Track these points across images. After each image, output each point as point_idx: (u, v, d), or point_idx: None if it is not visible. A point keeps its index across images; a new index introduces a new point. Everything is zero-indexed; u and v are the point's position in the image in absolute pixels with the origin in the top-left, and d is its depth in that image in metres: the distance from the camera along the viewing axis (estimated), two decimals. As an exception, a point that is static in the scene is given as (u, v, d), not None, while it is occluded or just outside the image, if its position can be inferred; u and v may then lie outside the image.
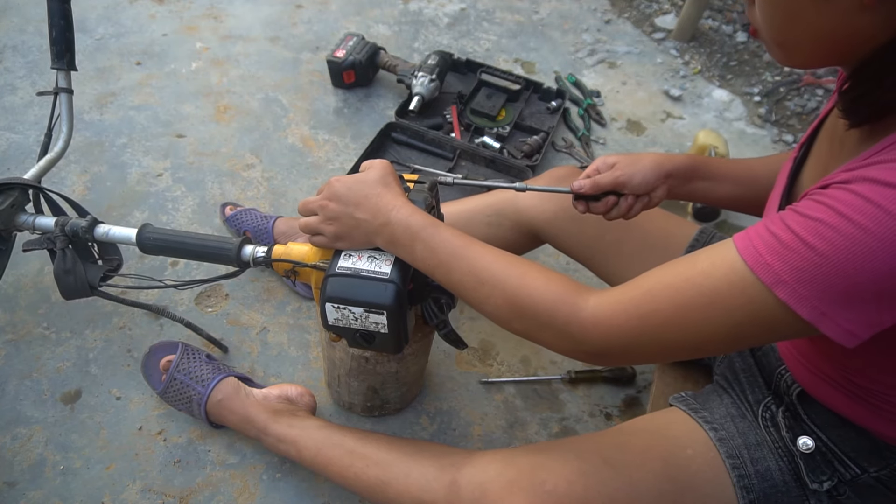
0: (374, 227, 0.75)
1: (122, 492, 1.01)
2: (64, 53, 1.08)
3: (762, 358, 0.81)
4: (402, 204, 0.74)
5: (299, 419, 0.99)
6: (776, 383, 0.78)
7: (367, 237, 0.76)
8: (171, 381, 1.05)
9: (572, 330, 0.64)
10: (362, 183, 0.76)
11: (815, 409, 0.73)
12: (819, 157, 0.70)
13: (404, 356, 0.96)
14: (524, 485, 0.73)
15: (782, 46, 0.58)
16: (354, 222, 0.76)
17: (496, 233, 1.08)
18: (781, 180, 0.74)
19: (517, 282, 0.67)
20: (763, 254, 0.53)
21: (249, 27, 1.90)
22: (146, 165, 1.48)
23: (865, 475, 0.69)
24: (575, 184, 0.86)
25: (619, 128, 1.78)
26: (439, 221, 0.74)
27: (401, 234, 0.73)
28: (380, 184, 0.76)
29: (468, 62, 1.79)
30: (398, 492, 0.84)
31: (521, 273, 0.68)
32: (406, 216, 0.73)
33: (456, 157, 1.55)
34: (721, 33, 2.12)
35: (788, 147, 1.78)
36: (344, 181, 0.77)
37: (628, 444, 0.77)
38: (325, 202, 0.78)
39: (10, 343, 1.16)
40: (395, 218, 0.73)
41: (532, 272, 0.68)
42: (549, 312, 0.65)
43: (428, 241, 0.72)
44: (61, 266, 0.97)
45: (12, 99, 1.58)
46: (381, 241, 0.76)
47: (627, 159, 0.86)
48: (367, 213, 0.75)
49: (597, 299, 0.63)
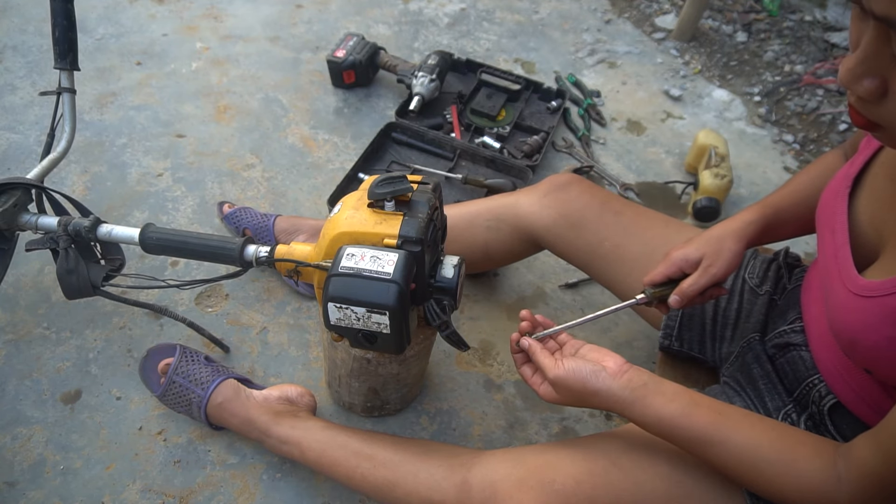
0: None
1: (122, 492, 1.01)
2: (67, 53, 1.08)
3: (785, 366, 0.80)
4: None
5: (301, 420, 1.00)
6: (803, 392, 0.76)
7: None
8: (170, 385, 1.05)
9: None
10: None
11: (847, 421, 0.72)
12: (876, 194, 0.68)
13: (406, 357, 0.96)
14: (533, 484, 0.74)
15: None
16: (581, 404, 0.74)
17: (496, 237, 1.08)
18: (839, 222, 0.71)
19: (769, 486, 0.65)
20: None
21: (249, 27, 1.90)
22: (146, 165, 1.48)
23: None
24: (672, 301, 0.81)
25: (619, 128, 1.79)
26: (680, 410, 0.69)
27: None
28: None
29: (468, 62, 1.79)
30: (406, 492, 0.85)
31: (769, 481, 0.65)
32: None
33: (456, 157, 1.56)
34: (721, 33, 2.12)
35: (789, 147, 1.79)
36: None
37: (636, 446, 0.77)
38: (554, 385, 0.74)
39: (10, 343, 1.15)
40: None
41: (779, 475, 0.64)
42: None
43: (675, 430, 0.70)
44: (64, 266, 0.96)
45: (12, 99, 1.58)
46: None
47: (708, 247, 0.81)
48: (594, 405, 0.73)
49: (849, 490, 0.61)
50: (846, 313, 0.64)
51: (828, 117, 1.84)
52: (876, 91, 0.49)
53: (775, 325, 0.86)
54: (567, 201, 1.03)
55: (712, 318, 0.96)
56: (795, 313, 0.82)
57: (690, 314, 0.97)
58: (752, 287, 0.93)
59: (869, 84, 0.49)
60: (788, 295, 0.88)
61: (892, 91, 0.48)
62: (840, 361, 0.71)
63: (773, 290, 0.92)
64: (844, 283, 0.65)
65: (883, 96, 0.49)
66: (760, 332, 0.88)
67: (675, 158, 1.71)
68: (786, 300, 0.88)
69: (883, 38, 0.47)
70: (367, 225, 0.80)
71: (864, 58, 0.48)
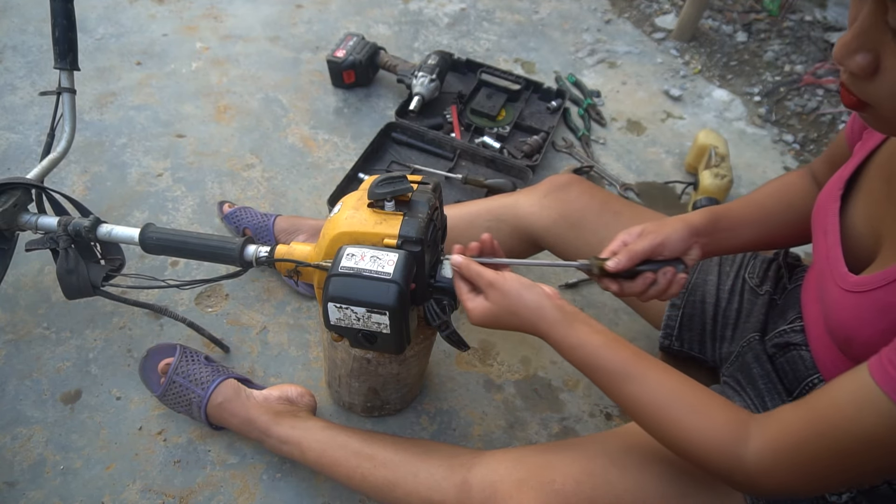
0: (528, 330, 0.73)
1: (122, 492, 1.01)
2: (67, 53, 1.08)
3: (785, 365, 0.80)
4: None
5: (301, 420, 1.00)
6: (802, 391, 0.76)
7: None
8: (170, 384, 1.04)
9: (736, 479, 0.62)
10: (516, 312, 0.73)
11: None
12: (872, 196, 0.68)
13: (406, 357, 0.96)
14: (533, 484, 0.74)
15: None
16: (509, 318, 0.74)
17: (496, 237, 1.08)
18: (831, 223, 0.71)
19: (674, 428, 0.65)
20: None
21: (249, 27, 1.90)
22: (146, 165, 1.48)
23: (885, 486, 0.68)
24: (610, 263, 0.77)
25: (619, 128, 1.79)
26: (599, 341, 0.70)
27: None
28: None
29: (468, 62, 1.79)
30: (406, 492, 0.85)
31: (678, 423, 0.65)
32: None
33: (456, 156, 1.56)
34: (721, 33, 2.12)
35: (789, 147, 1.79)
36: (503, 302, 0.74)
37: (635, 446, 0.77)
38: (489, 289, 0.74)
39: (10, 343, 1.15)
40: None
41: (689, 420, 0.64)
42: (713, 466, 0.63)
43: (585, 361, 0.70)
44: (64, 266, 0.96)
45: (12, 99, 1.58)
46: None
47: (651, 224, 0.81)
48: (520, 321, 0.73)
49: (757, 448, 0.60)
50: (840, 311, 0.65)
51: (828, 117, 1.84)
52: (868, 67, 0.50)
53: (775, 324, 0.86)
54: (567, 202, 1.03)
55: (712, 317, 0.96)
56: (795, 313, 0.82)
57: (691, 314, 0.97)
58: (752, 287, 0.93)
59: (862, 59, 0.50)
60: (788, 295, 0.88)
61: (884, 68, 0.49)
62: (839, 360, 0.71)
63: (773, 290, 0.92)
64: (836, 282, 0.65)
65: (874, 73, 0.50)
66: (760, 332, 0.88)
67: (675, 158, 1.71)
68: (786, 300, 0.88)
69: (879, 13, 0.48)
70: (367, 225, 0.80)
71: (860, 32, 0.50)
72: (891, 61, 0.49)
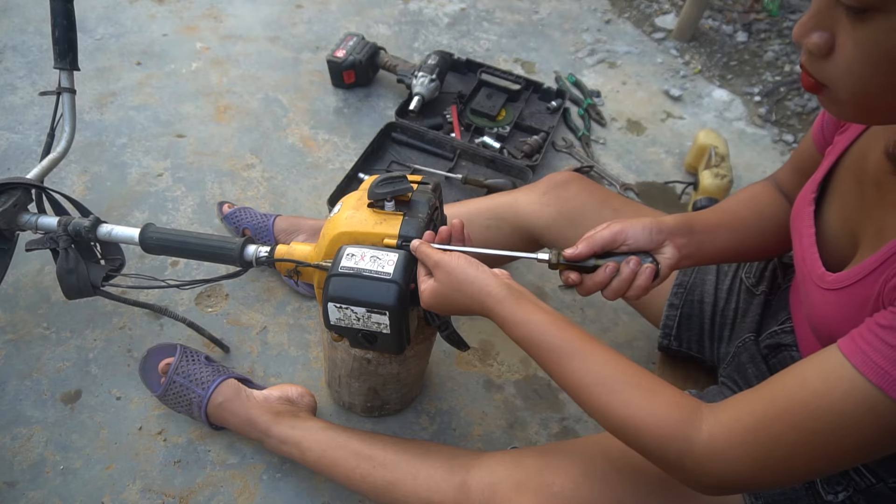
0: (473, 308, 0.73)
1: (122, 492, 1.01)
2: (67, 53, 1.08)
3: (777, 366, 0.80)
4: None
5: (301, 420, 1.00)
6: None
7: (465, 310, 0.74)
8: (171, 384, 1.05)
9: (686, 465, 0.59)
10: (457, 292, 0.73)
11: None
12: (845, 197, 0.68)
13: (406, 357, 0.96)
14: (532, 486, 0.74)
15: (860, 105, 0.54)
16: (456, 296, 0.74)
17: (495, 236, 1.08)
18: (806, 226, 0.70)
19: (619, 407, 0.62)
20: (887, 369, 0.49)
21: (249, 27, 1.90)
22: (146, 165, 1.48)
23: (881, 484, 0.68)
24: (568, 250, 0.74)
25: (619, 128, 1.79)
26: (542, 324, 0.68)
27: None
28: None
29: (468, 62, 1.79)
30: (405, 493, 0.85)
31: (624, 401, 0.62)
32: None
33: (456, 157, 1.56)
34: (721, 33, 2.12)
35: (789, 147, 1.79)
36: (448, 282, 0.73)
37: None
38: (436, 268, 0.74)
39: (10, 343, 1.15)
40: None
41: (636, 398, 0.61)
42: (660, 449, 0.60)
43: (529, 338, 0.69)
44: (64, 266, 0.97)
45: (12, 99, 1.58)
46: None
47: (618, 219, 0.78)
48: (467, 298, 0.72)
49: (710, 428, 0.58)
50: (820, 309, 0.65)
51: (828, 117, 1.84)
52: (825, 45, 0.52)
53: (768, 325, 0.86)
54: (566, 199, 1.03)
55: (710, 317, 0.96)
56: (786, 314, 0.82)
57: (689, 314, 0.97)
58: (748, 287, 0.93)
59: (818, 38, 0.52)
60: (780, 295, 0.89)
61: (838, 46, 0.51)
62: None
63: (768, 291, 0.92)
64: (815, 282, 0.66)
65: (830, 53, 0.52)
66: (755, 333, 0.88)
67: (675, 158, 1.71)
68: (778, 300, 0.89)
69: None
70: (367, 225, 0.80)
71: (816, 11, 0.52)
72: (844, 39, 0.50)
